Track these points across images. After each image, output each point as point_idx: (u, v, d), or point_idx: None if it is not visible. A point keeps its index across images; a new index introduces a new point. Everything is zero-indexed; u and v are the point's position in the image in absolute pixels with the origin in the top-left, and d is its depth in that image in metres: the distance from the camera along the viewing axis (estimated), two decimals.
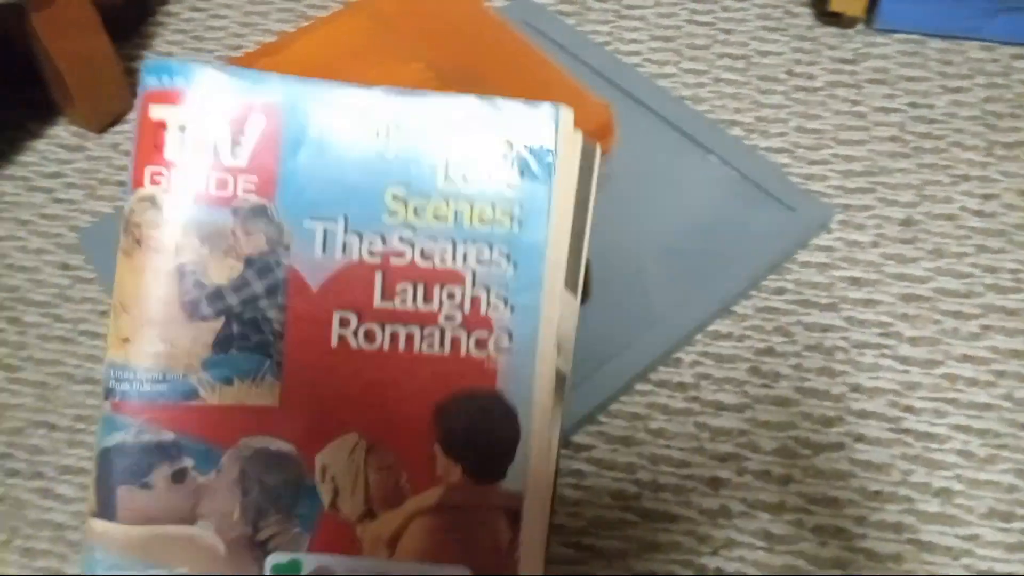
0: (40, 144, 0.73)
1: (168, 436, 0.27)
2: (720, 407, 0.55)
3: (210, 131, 0.26)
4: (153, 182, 0.27)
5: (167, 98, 0.26)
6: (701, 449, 0.53)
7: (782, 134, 0.68)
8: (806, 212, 0.62)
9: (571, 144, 0.29)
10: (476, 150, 0.28)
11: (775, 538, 0.49)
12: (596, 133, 0.64)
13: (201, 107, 0.26)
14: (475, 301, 0.28)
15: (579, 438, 0.54)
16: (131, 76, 0.77)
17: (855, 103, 0.70)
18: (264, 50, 0.69)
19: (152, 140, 0.26)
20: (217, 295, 0.27)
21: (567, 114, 0.28)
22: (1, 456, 0.56)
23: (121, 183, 0.70)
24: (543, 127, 0.28)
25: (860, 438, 0.53)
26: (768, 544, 0.49)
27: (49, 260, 0.66)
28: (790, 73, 0.73)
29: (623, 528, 0.50)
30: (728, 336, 0.57)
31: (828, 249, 0.62)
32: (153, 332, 0.27)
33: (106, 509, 0.27)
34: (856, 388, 0.55)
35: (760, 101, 0.71)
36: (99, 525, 0.27)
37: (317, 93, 0.28)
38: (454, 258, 0.28)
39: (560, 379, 0.28)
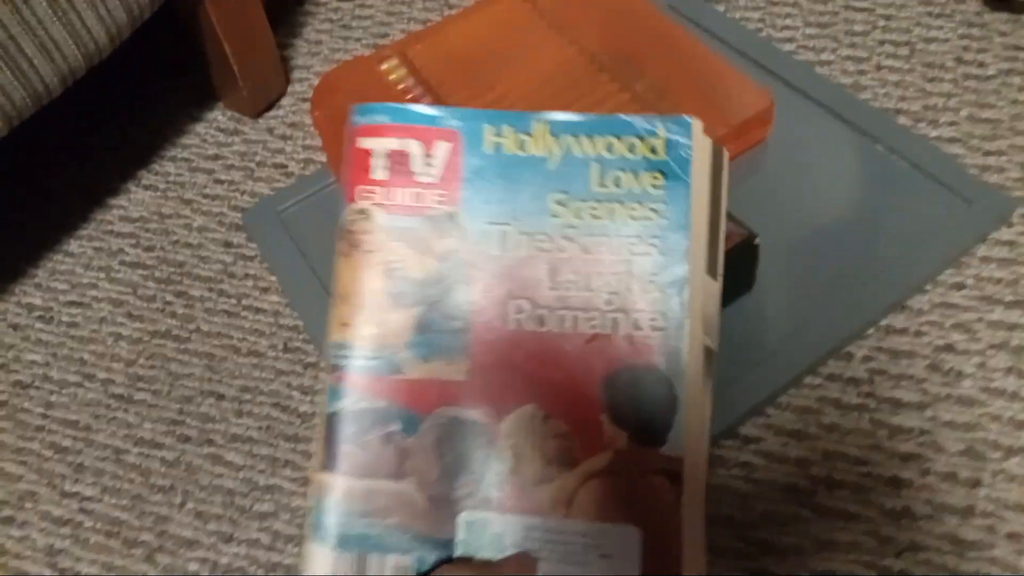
0: (200, 127, 0.76)
1: (380, 404, 0.31)
2: (898, 404, 0.52)
3: (407, 156, 0.32)
4: (363, 198, 0.33)
5: (372, 132, 0.33)
6: (879, 447, 0.51)
7: (953, 123, 0.65)
8: (984, 205, 0.59)
9: (703, 148, 0.32)
10: (625, 158, 0.32)
11: (965, 544, 0.46)
12: (757, 120, 0.62)
13: (399, 138, 0.33)
14: (630, 287, 0.31)
15: (747, 430, 0.52)
16: (285, 63, 0.79)
17: None
18: (419, 36, 0.69)
19: (361, 164, 0.33)
20: (416, 287, 0.32)
21: (698, 123, 0.33)
22: (174, 423, 0.58)
23: (278, 165, 0.72)
24: (681, 135, 0.32)
25: None
26: (957, 549, 0.46)
27: (213, 237, 0.68)
28: (959, 60, 0.69)
29: (797, 524, 0.48)
30: (903, 331, 0.55)
31: (1010, 244, 0.58)
32: (367, 318, 0.32)
33: (331, 463, 0.31)
34: None
35: (927, 89, 0.67)
36: (325, 478, 0.31)
37: (489, 120, 0.33)
38: (611, 250, 0.32)
39: (708, 354, 0.31)
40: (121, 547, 0.53)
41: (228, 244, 0.68)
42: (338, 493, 0.30)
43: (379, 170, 0.32)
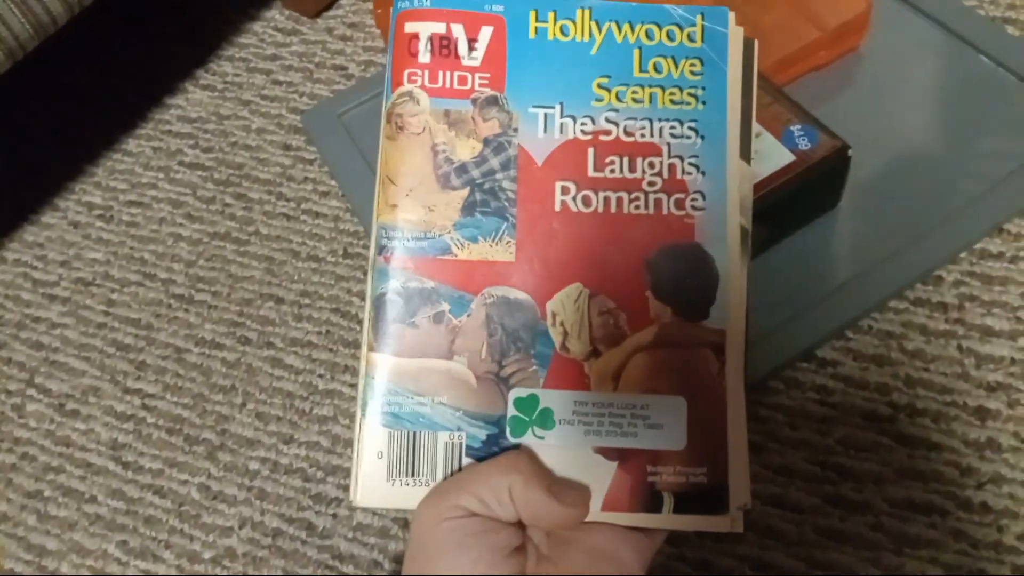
0: (257, 27, 0.74)
1: (429, 284, 0.32)
2: (988, 332, 0.49)
3: (452, 40, 0.33)
4: (410, 81, 0.33)
5: (418, 16, 0.33)
6: (966, 376, 0.48)
7: None
8: None
9: (737, 38, 0.33)
10: (664, 45, 0.33)
11: None
12: (852, 26, 0.58)
13: (444, 22, 0.33)
14: (672, 168, 0.32)
15: (824, 353, 0.50)
16: None
17: None
18: None
19: (407, 49, 0.33)
20: (463, 169, 0.33)
21: (732, 14, 0.34)
22: (234, 324, 0.58)
23: (337, 67, 0.70)
24: (718, 24, 0.33)
25: None
26: None
27: (271, 140, 0.67)
28: None
29: (876, 451, 0.46)
30: (999, 256, 0.51)
31: None
32: (415, 199, 0.33)
33: (382, 344, 0.32)
34: None
35: None
36: (376, 358, 0.32)
37: (533, 5, 0.34)
38: (652, 133, 0.33)
39: (744, 233, 0.32)
40: (183, 444, 0.54)
41: (287, 147, 0.66)
42: (388, 372, 0.32)
43: (424, 54, 0.33)
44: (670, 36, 0.33)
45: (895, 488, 0.45)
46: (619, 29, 0.33)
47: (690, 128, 0.33)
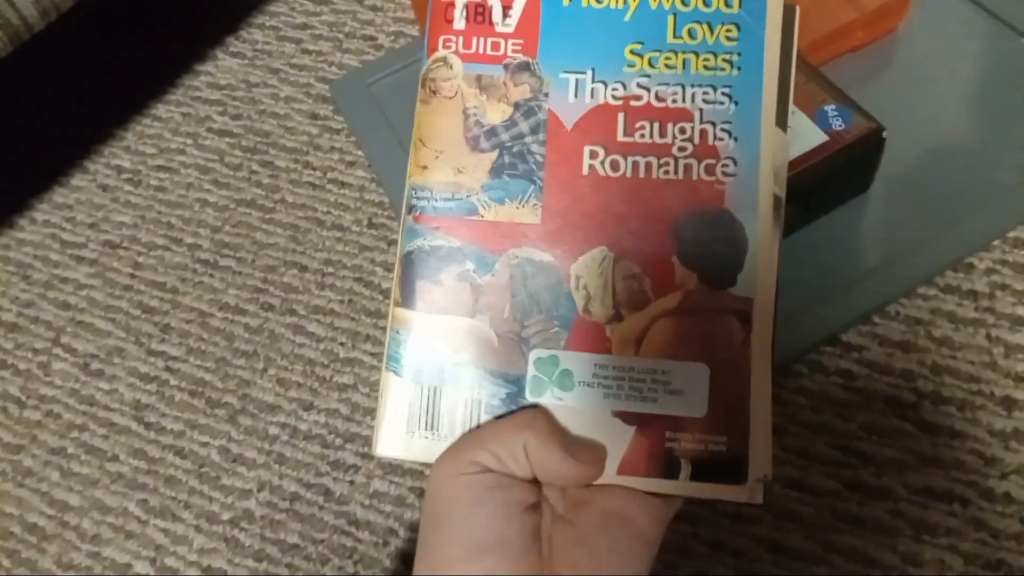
0: None
1: (455, 243, 0.33)
2: (1019, 322, 0.48)
3: (486, 6, 0.34)
4: (444, 47, 0.34)
5: None
6: (993, 365, 0.47)
7: None
8: None
9: (776, 4, 0.33)
10: (700, 11, 0.33)
11: None
12: (891, 6, 0.57)
13: None
14: (703, 134, 0.32)
15: (849, 337, 0.49)
16: None
17: None
18: None
19: (443, 16, 0.34)
20: (492, 132, 0.33)
21: None
22: (257, 290, 0.58)
23: (367, 37, 0.70)
24: None
25: None
26: None
27: (299, 108, 0.67)
28: None
29: (898, 438, 0.46)
30: None
31: None
32: (445, 161, 0.33)
33: (408, 299, 0.33)
34: None
35: None
36: (402, 313, 0.33)
37: None
38: (684, 99, 0.32)
39: (777, 202, 0.32)
40: (205, 407, 0.54)
41: (315, 116, 0.66)
42: (413, 327, 0.32)
43: (459, 20, 0.34)
44: (706, 2, 0.33)
45: (916, 475, 0.45)
46: None
47: (723, 94, 0.32)
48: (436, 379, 0.32)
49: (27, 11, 0.52)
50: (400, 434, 0.32)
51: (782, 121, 0.32)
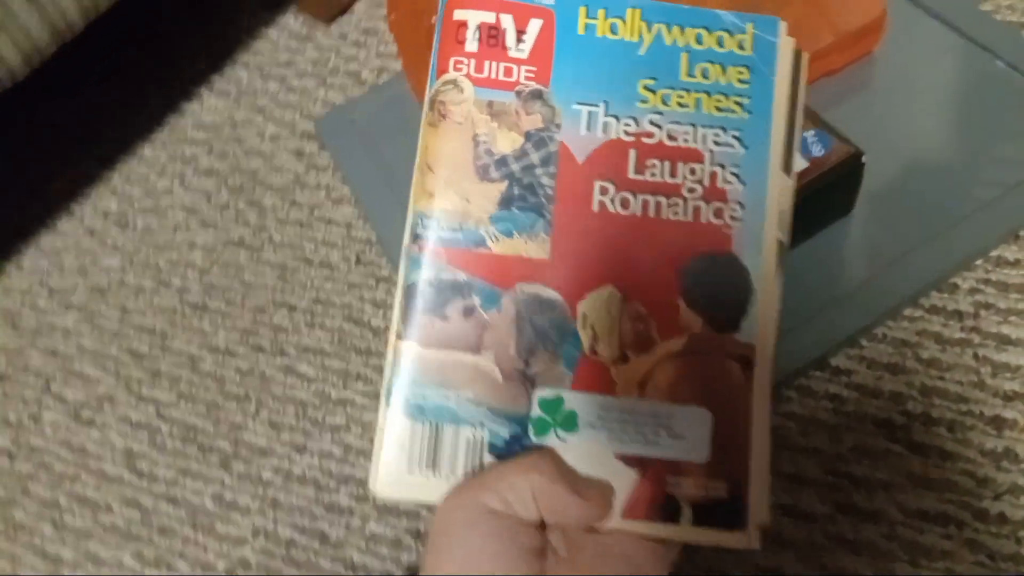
0: (272, 33, 0.74)
1: (461, 276, 0.32)
2: (1004, 341, 0.49)
3: (500, 30, 0.33)
4: (455, 69, 0.33)
5: (467, 3, 0.33)
6: (982, 384, 0.48)
7: None
8: None
9: (786, 48, 0.33)
10: (713, 51, 0.33)
11: None
12: (867, 30, 0.57)
13: (494, 11, 0.33)
14: (713, 176, 0.32)
15: (838, 361, 0.49)
16: None
17: None
18: None
19: (454, 36, 0.33)
20: (502, 162, 0.32)
21: (784, 24, 0.33)
22: (247, 332, 0.58)
23: (351, 73, 0.70)
24: (768, 34, 0.33)
25: None
26: None
27: (285, 146, 0.67)
28: None
29: (889, 459, 0.46)
30: (1016, 264, 0.51)
31: None
32: (452, 189, 0.32)
33: (409, 333, 0.32)
34: None
35: None
36: (403, 347, 0.32)
37: (584, 2, 0.33)
38: (695, 139, 0.32)
39: (781, 247, 0.32)
40: (197, 453, 0.54)
41: (300, 153, 0.66)
42: (414, 361, 0.31)
43: (472, 42, 0.33)
44: (719, 42, 0.33)
45: (909, 497, 0.45)
46: (668, 31, 0.33)
47: (734, 137, 0.32)
48: (437, 416, 0.31)
49: (12, 59, 0.52)
50: (399, 473, 0.31)
51: (787, 166, 0.32)
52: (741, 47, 0.33)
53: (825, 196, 0.50)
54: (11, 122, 0.73)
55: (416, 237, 0.32)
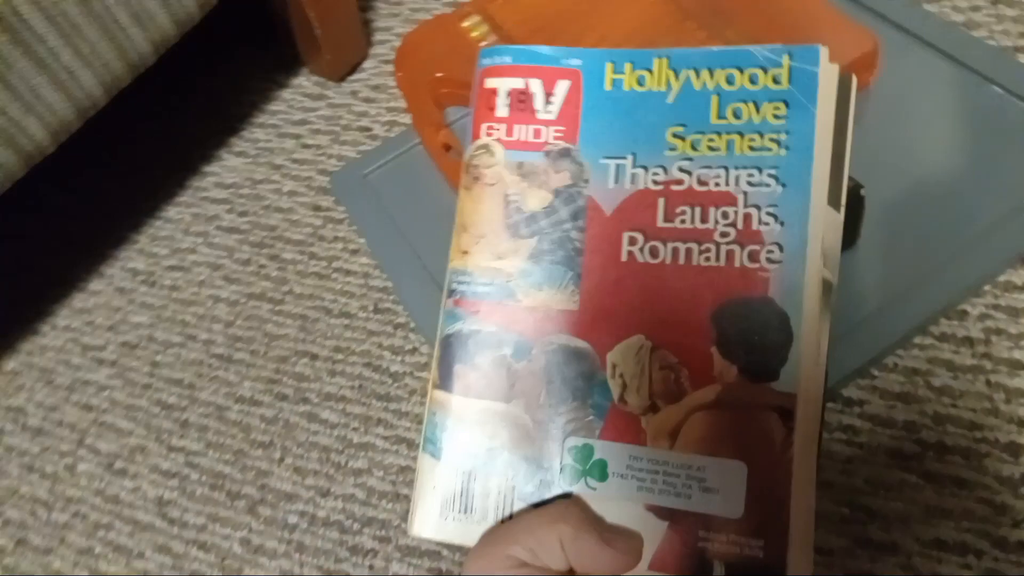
0: (286, 94, 0.77)
1: (492, 328, 0.33)
2: (1017, 366, 0.49)
3: (529, 94, 0.34)
4: (488, 134, 0.34)
5: (499, 72, 0.34)
6: (995, 411, 0.48)
7: None
8: None
9: (829, 76, 0.31)
10: (746, 89, 0.32)
11: None
12: (860, 64, 0.59)
13: (522, 77, 0.34)
14: (747, 218, 0.31)
15: (850, 392, 0.50)
16: (365, 26, 0.79)
17: None
18: None
19: (487, 103, 0.35)
20: (533, 219, 0.33)
21: (825, 50, 0.31)
22: (271, 381, 0.60)
23: (362, 128, 0.73)
24: (807, 63, 0.31)
25: None
26: None
27: (302, 201, 0.69)
28: None
29: (904, 490, 0.46)
30: None
31: None
32: (485, 247, 0.34)
33: (446, 382, 0.33)
34: None
35: None
36: (439, 395, 0.33)
37: (611, 58, 0.34)
38: (727, 182, 0.31)
39: (827, 287, 0.30)
40: (225, 499, 0.56)
41: (317, 208, 0.69)
42: (451, 410, 0.32)
43: (502, 108, 0.34)
44: (752, 80, 0.32)
45: (925, 528, 0.45)
46: (697, 76, 0.32)
47: (770, 175, 0.31)
48: (471, 463, 0.32)
49: (39, 135, 0.55)
50: (435, 516, 0.32)
51: (835, 200, 0.31)
52: (776, 81, 0.31)
53: None
54: (43, 188, 0.76)
55: (452, 292, 0.34)
